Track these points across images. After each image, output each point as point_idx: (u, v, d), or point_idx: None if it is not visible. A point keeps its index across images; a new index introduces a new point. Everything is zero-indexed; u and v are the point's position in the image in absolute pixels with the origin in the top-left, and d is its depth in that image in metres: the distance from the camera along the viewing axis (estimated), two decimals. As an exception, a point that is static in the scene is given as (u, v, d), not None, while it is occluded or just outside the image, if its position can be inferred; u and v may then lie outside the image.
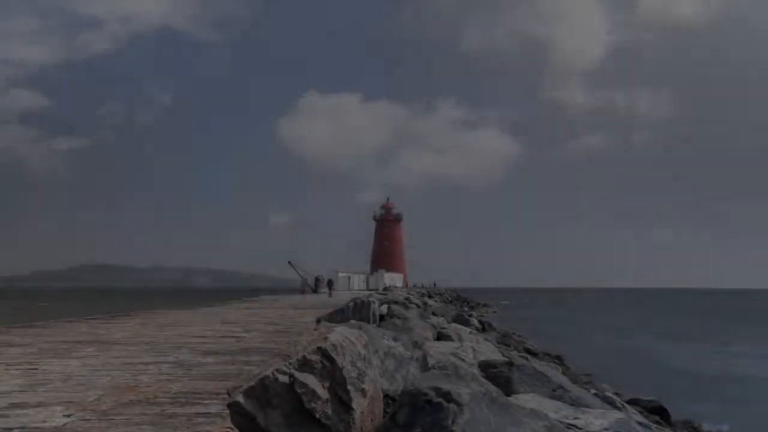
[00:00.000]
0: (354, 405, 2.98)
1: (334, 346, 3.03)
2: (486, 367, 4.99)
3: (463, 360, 5.30)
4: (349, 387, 2.98)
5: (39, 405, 4.28)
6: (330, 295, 38.69)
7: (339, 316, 9.62)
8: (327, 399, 2.92)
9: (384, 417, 3.25)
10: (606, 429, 3.14)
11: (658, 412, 9.45)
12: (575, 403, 4.33)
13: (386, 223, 70.62)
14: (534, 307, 66.57)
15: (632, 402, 9.20)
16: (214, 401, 4.39)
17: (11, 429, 3.63)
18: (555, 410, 3.45)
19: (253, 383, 2.91)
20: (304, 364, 2.95)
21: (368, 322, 8.16)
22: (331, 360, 2.98)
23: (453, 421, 2.66)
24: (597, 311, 61.03)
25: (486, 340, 11.27)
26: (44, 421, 3.81)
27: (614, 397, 6.35)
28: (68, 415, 3.97)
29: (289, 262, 49.27)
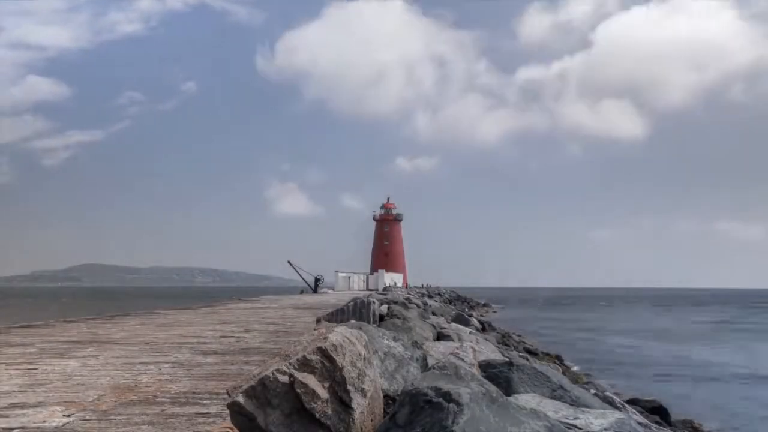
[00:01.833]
0: (354, 405, 2.98)
1: (334, 346, 3.03)
2: (486, 367, 4.99)
3: (463, 360, 5.30)
4: (349, 387, 2.98)
5: (39, 405, 4.28)
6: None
7: (339, 316, 9.62)
8: (327, 399, 2.92)
9: (384, 417, 3.25)
10: (606, 429, 3.14)
11: (658, 412, 9.47)
12: (575, 403, 4.33)
13: (386, 223, 70.63)
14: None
15: (632, 402, 9.22)
16: (214, 401, 4.39)
17: (11, 429, 3.63)
18: (555, 410, 3.45)
19: (253, 383, 2.91)
20: (304, 364, 2.95)
21: (368, 322, 8.16)
22: (331, 360, 2.98)
23: (453, 421, 2.66)
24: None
25: (486, 340, 11.28)
26: (44, 421, 3.81)
27: (614, 397, 6.35)
28: (68, 415, 3.97)
29: (289, 262, 49.21)
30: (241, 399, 2.88)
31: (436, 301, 35.34)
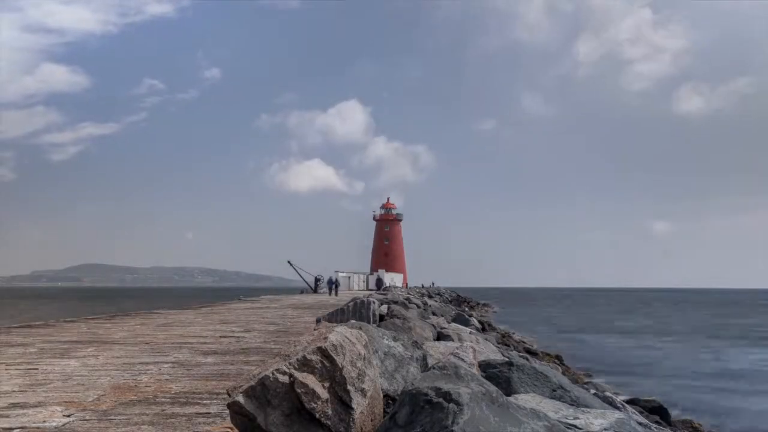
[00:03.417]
0: (354, 405, 2.98)
1: (334, 346, 3.03)
2: (486, 367, 4.99)
3: (463, 360, 5.30)
4: (349, 387, 2.98)
5: (39, 405, 4.28)
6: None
7: (339, 316, 9.62)
8: (327, 399, 2.92)
9: (384, 417, 3.25)
10: (606, 429, 3.14)
11: (658, 412, 9.47)
12: (575, 403, 4.33)
13: (386, 222, 70.61)
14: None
15: (632, 402, 9.22)
16: (214, 401, 4.39)
17: (11, 429, 3.63)
18: (555, 410, 3.45)
19: (253, 383, 2.92)
20: (304, 364, 2.95)
21: (368, 322, 8.16)
22: (331, 360, 2.98)
23: (453, 421, 2.66)
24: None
25: (486, 340, 11.26)
26: (44, 421, 3.81)
27: (614, 397, 6.35)
28: (68, 415, 3.97)
29: (289, 262, 49.27)
30: (241, 399, 2.88)
31: (436, 301, 35.32)
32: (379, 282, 48.90)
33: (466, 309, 41.13)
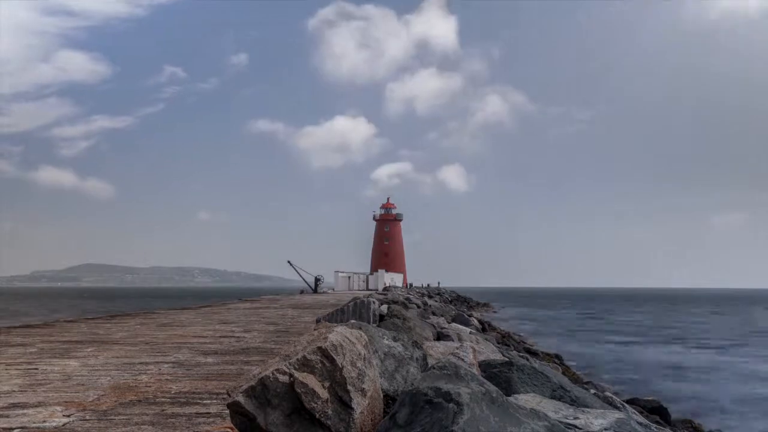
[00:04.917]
0: (354, 405, 2.98)
1: (334, 346, 3.03)
2: (486, 367, 4.98)
3: (463, 360, 5.29)
4: (349, 387, 2.98)
5: (39, 405, 4.28)
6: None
7: (339, 316, 9.62)
8: (327, 399, 2.92)
9: (384, 417, 3.25)
10: (606, 429, 3.13)
11: (658, 412, 9.48)
12: (575, 403, 4.33)
13: (386, 222, 70.67)
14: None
15: (632, 402, 9.23)
16: (214, 401, 4.39)
17: (11, 429, 3.63)
18: (555, 410, 3.44)
19: (253, 383, 2.91)
20: (304, 364, 2.95)
21: (368, 322, 8.16)
22: (331, 360, 2.98)
23: (453, 421, 2.66)
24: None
25: (486, 340, 11.26)
26: (44, 421, 3.80)
27: (614, 397, 6.35)
28: (68, 415, 3.97)
29: (289, 262, 49.26)
30: (241, 399, 2.88)
31: (436, 301, 35.32)
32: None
33: (466, 309, 41.15)
